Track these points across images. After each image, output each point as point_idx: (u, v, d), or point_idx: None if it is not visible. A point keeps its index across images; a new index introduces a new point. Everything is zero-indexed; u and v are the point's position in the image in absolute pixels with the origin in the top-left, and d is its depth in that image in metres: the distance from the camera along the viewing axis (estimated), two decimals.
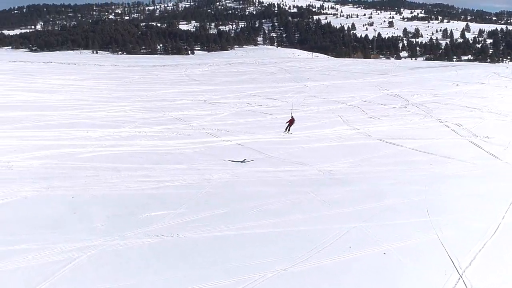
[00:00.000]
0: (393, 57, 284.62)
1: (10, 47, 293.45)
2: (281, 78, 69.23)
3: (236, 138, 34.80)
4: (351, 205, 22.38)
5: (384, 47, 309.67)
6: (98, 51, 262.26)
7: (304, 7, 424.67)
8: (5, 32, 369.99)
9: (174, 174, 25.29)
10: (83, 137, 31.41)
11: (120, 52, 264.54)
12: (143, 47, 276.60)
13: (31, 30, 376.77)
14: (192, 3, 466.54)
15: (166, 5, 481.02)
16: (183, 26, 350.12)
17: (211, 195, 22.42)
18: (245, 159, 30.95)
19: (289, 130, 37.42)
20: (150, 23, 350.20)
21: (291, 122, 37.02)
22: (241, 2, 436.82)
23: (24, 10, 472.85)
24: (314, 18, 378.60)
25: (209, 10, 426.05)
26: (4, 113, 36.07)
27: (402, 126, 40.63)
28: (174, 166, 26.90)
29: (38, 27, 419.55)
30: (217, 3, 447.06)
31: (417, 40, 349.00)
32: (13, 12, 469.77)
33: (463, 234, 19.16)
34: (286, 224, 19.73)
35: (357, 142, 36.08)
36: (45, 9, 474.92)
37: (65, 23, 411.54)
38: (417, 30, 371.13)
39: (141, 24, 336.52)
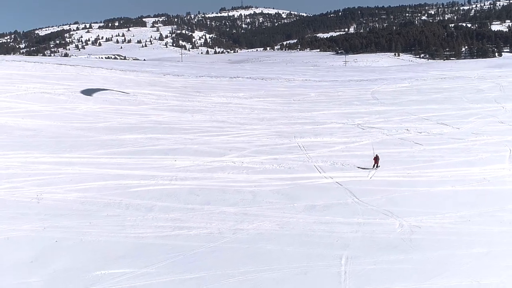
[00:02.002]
0: None
1: (319, 50, 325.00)
2: (482, 97, 61.19)
3: (341, 175, 31.83)
4: (375, 284, 18.53)
5: None
6: (400, 54, 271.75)
7: None
8: (320, 35, 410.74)
9: (206, 219, 24.15)
10: (164, 166, 32.03)
11: (422, 55, 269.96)
12: (447, 49, 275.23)
13: (343, 33, 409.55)
14: (511, 1, 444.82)
15: (482, 4, 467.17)
16: (496, 26, 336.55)
17: (212, 252, 20.79)
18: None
19: (377, 166, 33.78)
20: (460, 23, 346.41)
21: (376, 160, 33.82)
22: None
23: (340, 13, 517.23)
24: None
25: None
26: (116, 135, 38.97)
27: None
28: (222, 208, 25.70)
29: (351, 30, 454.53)
30: None
31: None
32: (329, 16, 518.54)
33: None
34: None
35: (503, 187, 30.20)
36: (359, 12, 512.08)
37: (376, 25, 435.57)
38: None
39: (450, 25, 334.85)
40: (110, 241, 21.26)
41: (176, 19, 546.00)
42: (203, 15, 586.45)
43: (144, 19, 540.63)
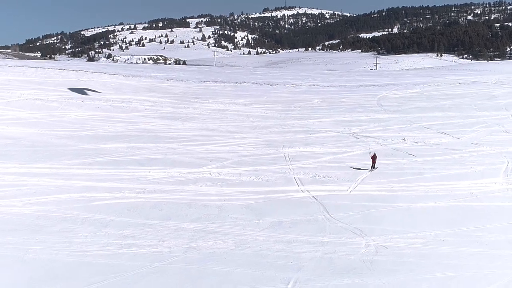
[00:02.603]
0: None
1: (360, 50, 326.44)
2: (493, 104, 59.12)
3: (320, 189, 30.85)
4: None
5: None
6: (443, 54, 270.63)
7: None
8: (363, 35, 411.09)
9: (160, 236, 23.45)
10: (136, 178, 31.42)
11: (465, 56, 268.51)
12: (491, 50, 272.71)
13: (386, 33, 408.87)
14: None
15: None
16: None
17: (154, 273, 20.15)
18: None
19: (373, 167, 34.77)
20: (507, 23, 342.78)
21: (373, 160, 34.78)
22: None
23: (384, 13, 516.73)
24: None
25: None
26: (98, 144, 38.56)
27: None
28: (181, 224, 25.01)
29: (395, 30, 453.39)
30: None
31: None
32: (372, 16, 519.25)
33: None
34: None
35: (490, 204, 28.85)
36: (403, 12, 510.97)
37: (420, 25, 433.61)
38: None
39: (496, 24, 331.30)
40: (52, 259, 20.70)
41: (219, 20, 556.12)
42: (246, 16, 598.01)
43: (187, 20, 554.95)
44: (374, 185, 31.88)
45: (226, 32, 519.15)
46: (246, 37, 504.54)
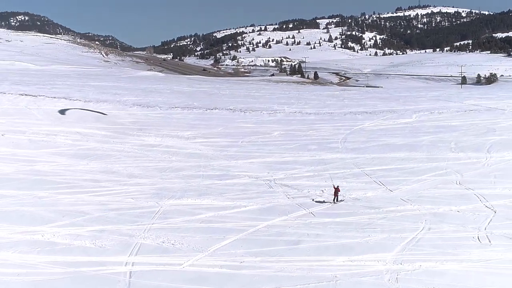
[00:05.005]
0: None
1: (489, 52, 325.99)
2: (479, 142, 52.14)
3: (150, 261, 27.17)
4: None
5: None
6: None
7: None
8: (499, 35, 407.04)
9: None
10: None
11: None
12: None
13: None
14: None
15: None
16: None
17: None
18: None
19: (337, 199, 35.02)
20: None
21: (336, 193, 34.92)
22: None
23: None
24: None
25: None
26: None
27: None
28: None
29: None
30: None
31: None
32: (511, 14, 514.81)
33: None
34: None
35: None
36: None
37: None
38: None
39: None
40: None
41: (349, 20, 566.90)
42: (377, 16, 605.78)
43: (317, 21, 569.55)
44: (224, 257, 27.59)
45: (353, 32, 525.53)
46: (374, 38, 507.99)
